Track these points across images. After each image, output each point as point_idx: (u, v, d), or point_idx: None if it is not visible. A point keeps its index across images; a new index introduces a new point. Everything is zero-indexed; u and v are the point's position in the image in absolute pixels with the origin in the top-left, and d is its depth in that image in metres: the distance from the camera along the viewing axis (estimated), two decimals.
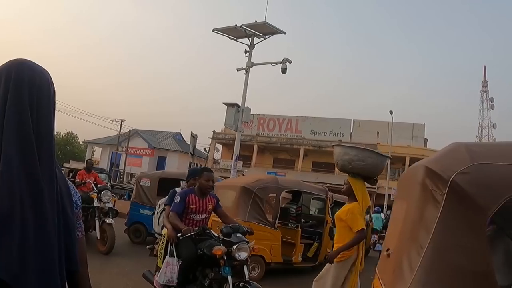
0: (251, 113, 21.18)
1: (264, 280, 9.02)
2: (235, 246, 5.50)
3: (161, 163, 58.32)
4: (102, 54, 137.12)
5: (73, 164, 44.26)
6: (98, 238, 10.41)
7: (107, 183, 14.08)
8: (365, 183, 6.13)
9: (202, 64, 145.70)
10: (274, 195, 10.59)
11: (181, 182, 8.93)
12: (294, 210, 11.09)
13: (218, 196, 6.75)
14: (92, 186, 11.11)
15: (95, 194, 10.69)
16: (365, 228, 5.70)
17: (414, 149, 45.94)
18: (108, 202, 10.79)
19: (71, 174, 17.10)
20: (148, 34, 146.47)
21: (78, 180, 11.86)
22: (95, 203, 10.50)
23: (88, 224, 10.54)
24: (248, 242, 5.67)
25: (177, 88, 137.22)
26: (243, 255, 5.55)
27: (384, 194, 37.64)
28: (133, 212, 12.84)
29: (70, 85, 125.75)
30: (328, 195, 9.99)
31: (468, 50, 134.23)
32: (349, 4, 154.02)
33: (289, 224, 10.74)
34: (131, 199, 14.32)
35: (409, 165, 45.31)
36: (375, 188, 41.94)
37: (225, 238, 5.66)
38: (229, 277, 5.39)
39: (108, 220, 10.42)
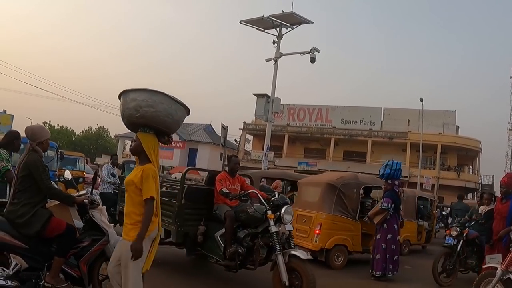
0: (281, 103, 21.28)
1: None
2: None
3: (192, 155, 58.76)
4: (137, 55, 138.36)
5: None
6: None
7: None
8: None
9: (231, 57, 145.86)
10: (355, 190, 11.16)
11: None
12: (370, 204, 11.54)
13: (303, 192, 11.50)
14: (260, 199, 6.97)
15: (270, 213, 6.63)
16: (154, 196, 4.42)
17: (445, 137, 45.46)
18: (289, 223, 6.73)
19: None
20: (177, 31, 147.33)
21: (225, 189, 7.16)
22: (272, 227, 6.51)
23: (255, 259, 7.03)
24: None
25: (207, 81, 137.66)
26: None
27: (416, 183, 37.31)
28: None
29: (104, 83, 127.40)
30: (399, 190, 10.17)
31: (501, 37, 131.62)
32: None
33: (365, 217, 11.12)
34: None
35: (441, 153, 45.17)
36: (407, 177, 41.73)
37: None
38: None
39: (296, 252, 6.43)
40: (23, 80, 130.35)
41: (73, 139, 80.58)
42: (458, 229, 9.45)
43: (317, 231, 10.28)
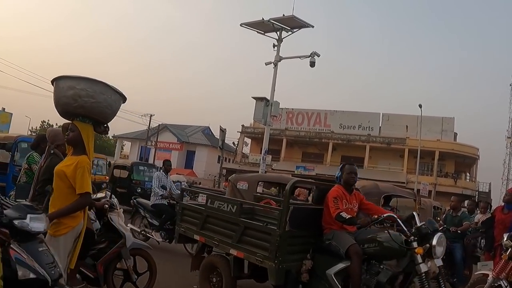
0: (280, 107, 21.25)
1: None
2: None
3: (190, 157, 58.84)
4: (134, 55, 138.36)
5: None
6: None
7: None
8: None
9: (231, 60, 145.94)
10: (376, 198, 11.42)
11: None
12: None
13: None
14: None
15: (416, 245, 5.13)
16: (91, 192, 4.22)
17: (443, 143, 45.54)
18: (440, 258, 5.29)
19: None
20: (177, 33, 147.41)
21: (345, 214, 5.52)
22: (421, 266, 4.98)
23: None
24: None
25: (206, 83, 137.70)
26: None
27: (413, 189, 37.28)
28: None
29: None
30: (416, 198, 10.41)
31: (502, 45, 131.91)
32: None
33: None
34: None
35: (439, 159, 45.21)
36: (404, 182, 41.73)
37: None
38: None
39: None
40: (22, 79, 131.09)
41: None
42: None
43: None
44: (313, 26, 20.36)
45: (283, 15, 19.65)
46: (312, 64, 19.40)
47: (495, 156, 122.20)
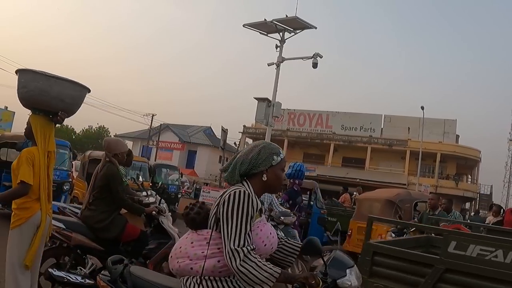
0: (281, 108, 21.25)
1: None
2: None
3: (191, 157, 58.83)
4: (135, 58, 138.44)
5: None
6: None
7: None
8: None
9: (233, 60, 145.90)
10: (408, 205, 12.28)
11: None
12: (417, 215, 12.04)
13: (363, 206, 10.35)
14: None
15: None
16: (29, 182, 4.11)
17: (445, 145, 45.47)
18: None
19: None
20: (180, 33, 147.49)
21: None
22: None
23: None
24: None
25: (208, 84, 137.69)
26: None
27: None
28: None
29: (105, 83, 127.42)
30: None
31: (506, 48, 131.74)
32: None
33: None
34: None
35: (440, 161, 45.17)
36: (405, 184, 41.68)
37: None
38: None
39: None
40: None
41: (73, 137, 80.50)
42: (394, 235, 9.11)
43: None
44: (316, 28, 20.34)
45: (286, 16, 19.66)
46: (315, 65, 19.38)
47: (497, 158, 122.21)
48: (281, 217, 8.63)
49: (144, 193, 6.82)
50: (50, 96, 4.27)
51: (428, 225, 8.90)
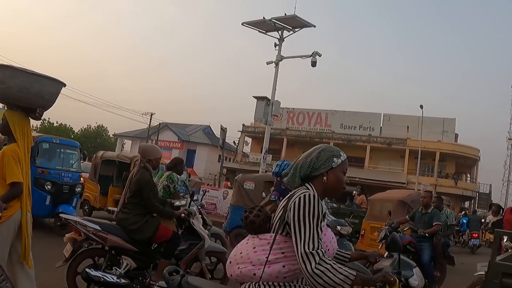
0: (280, 106, 21.23)
1: None
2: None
3: (190, 156, 58.77)
4: (134, 56, 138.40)
5: None
6: None
7: None
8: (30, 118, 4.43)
9: (232, 59, 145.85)
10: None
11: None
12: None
13: (376, 207, 10.98)
14: None
15: None
16: (21, 181, 4.08)
17: (444, 144, 45.47)
18: None
19: None
20: (178, 32, 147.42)
21: None
22: None
23: None
24: None
25: (207, 82, 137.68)
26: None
27: (413, 190, 37.24)
28: (235, 216, 12.12)
29: (104, 82, 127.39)
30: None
31: (505, 47, 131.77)
32: None
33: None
34: (231, 202, 13.76)
35: (439, 160, 45.17)
36: (404, 183, 41.69)
37: None
38: None
39: None
40: None
41: (72, 136, 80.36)
42: (389, 233, 8.84)
43: None
44: (314, 26, 20.35)
45: (285, 14, 19.64)
46: (314, 63, 19.39)
47: (496, 157, 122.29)
48: (338, 227, 7.81)
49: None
50: (30, 93, 4.22)
51: (421, 223, 8.86)
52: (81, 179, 12.57)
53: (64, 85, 4.60)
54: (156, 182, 7.60)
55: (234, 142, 59.93)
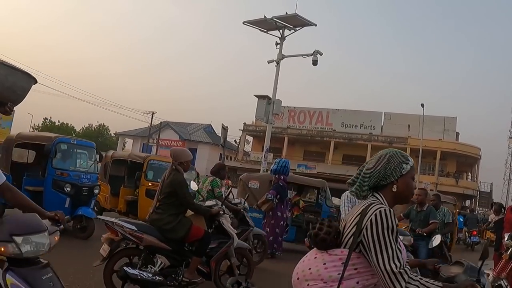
0: (281, 105, 21.27)
1: None
2: None
3: (191, 154, 58.76)
4: (135, 56, 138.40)
5: None
6: None
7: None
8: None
9: (233, 58, 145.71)
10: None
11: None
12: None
13: None
14: None
15: None
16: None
17: (445, 143, 45.47)
18: None
19: None
20: (179, 31, 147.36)
21: None
22: None
23: None
24: None
25: (208, 81, 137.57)
26: None
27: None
28: None
29: (105, 81, 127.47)
30: (456, 202, 10.86)
31: (506, 46, 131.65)
32: None
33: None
34: None
35: (440, 159, 45.16)
36: None
37: None
38: None
39: None
40: None
41: (73, 135, 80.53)
42: None
43: None
44: (315, 25, 20.38)
45: (286, 13, 19.67)
46: (315, 62, 19.42)
47: (497, 156, 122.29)
48: (400, 237, 7.74)
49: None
50: (4, 87, 3.96)
51: (417, 221, 8.81)
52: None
53: (36, 81, 4.40)
54: (201, 187, 8.66)
55: (235, 141, 59.90)
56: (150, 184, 12.86)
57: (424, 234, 8.62)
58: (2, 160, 11.39)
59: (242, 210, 8.68)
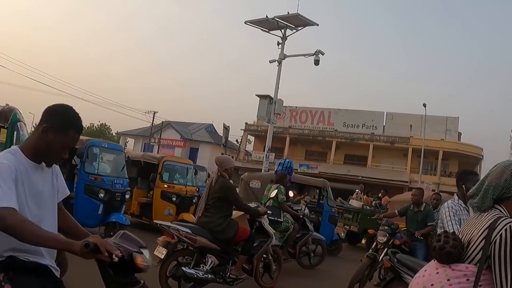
0: (283, 105, 21.24)
1: None
2: None
3: (193, 154, 58.74)
4: (137, 55, 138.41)
5: None
6: None
7: None
8: None
9: (235, 58, 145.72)
10: None
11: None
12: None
13: (394, 208, 10.45)
14: None
15: None
16: None
17: (447, 143, 45.34)
18: None
19: None
20: (182, 31, 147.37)
21: None
22: None
23: None
24: None
25: (210, 81, 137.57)
26: None
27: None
28: None
29: (106, 81, 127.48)
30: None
31: (508, 44, 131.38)
32: None
33: None
34: None
35: (442, 159, 45.09)
36: (407, 182, 41.64)
37: None
38: None
39: None
40: (25, 75, 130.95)
41: None
42: (387, 234, 8.47)
43: None
44: (317, 25, 20.33)
45: (288, 13, 19.63)
46: (317, 62, 19.38)
47: (500, 156, 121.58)
48: None
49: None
50: None
51: (414, 222, 8.78)
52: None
53: None
54: (266, 194, 9.39)
55: (236, 141, 59.85)
56: (166, 186, 12.63)
57: (421, 238, 8.59)
58: None
59: (302, 216, 9.82)
